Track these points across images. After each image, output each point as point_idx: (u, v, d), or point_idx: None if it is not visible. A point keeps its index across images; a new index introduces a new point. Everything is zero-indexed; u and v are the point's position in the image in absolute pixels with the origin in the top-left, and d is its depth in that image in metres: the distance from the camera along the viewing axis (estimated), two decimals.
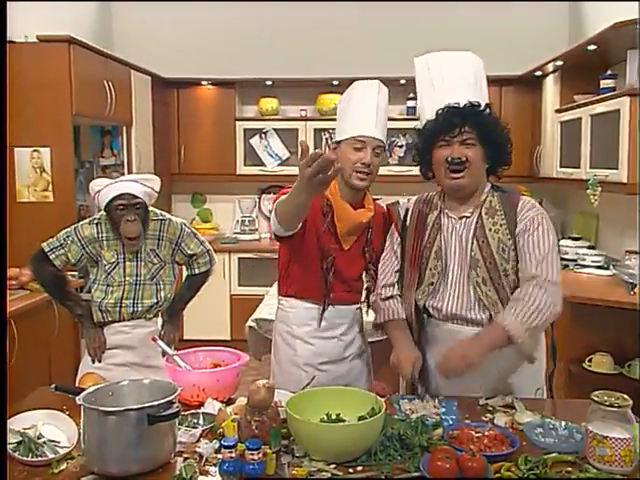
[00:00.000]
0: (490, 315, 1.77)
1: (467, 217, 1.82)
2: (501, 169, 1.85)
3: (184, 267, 2.47)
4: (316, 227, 1.94)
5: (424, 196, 1.96)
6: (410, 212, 1.94)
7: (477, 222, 1.80)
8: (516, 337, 1.63)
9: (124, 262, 2.28)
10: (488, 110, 1.80)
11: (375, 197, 2.08)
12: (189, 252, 2.38)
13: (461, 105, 1.76)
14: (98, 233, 2.28)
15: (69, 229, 2.30)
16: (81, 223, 2.32)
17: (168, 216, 2.37)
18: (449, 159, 1.75)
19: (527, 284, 1.70)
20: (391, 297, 1.93)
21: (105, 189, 2.23)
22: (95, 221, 2.30)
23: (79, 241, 2.26)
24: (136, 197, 2.21)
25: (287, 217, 1.74)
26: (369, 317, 2.07)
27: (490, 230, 1.78)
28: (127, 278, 2.27)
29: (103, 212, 2.28)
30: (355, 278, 2.03)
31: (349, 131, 1.90)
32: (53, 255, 2.27)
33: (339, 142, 1.94)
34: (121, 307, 2.27)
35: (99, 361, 2.28)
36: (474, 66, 1.88)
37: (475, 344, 1.65)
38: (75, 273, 3.33)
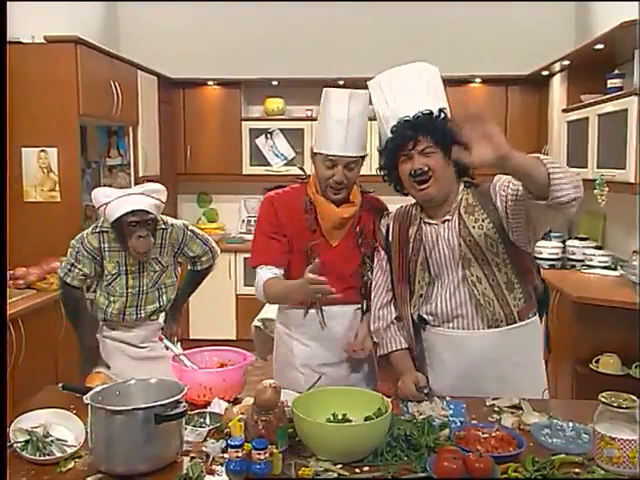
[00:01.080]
0: (485, 315, 1.77)
1: (448, 220, 1.82)
2: (471, 169, 1.81)
3: (189, 264, 2.46)
4: (299, 229, 1.93)
5: (402, 210, 1.95)
6: (391, 228, 1.94)
7: (459, 223, 1.80)
8: (548, 162, 1.50)
9: (126, 274, 2.24)
10: (442, 115, 1.79)
11: (368, 190, 2.04)
12: (191, 254, 2.37)
13: (411, 117, 1.77)
14: (100, 243, 2.23)
15: (76, 244, 2.24)
16: (85, 235, 2.25)
17: (170, 222, 2.32)
18: (412, 172, 1.77)
19: None
20: (392, 323, 1.92)
21: (114, 202, 2.15)
22: (97, 229, 2.25)
23: (89, 253, 2.22)
24: (148, 213, 2.16)
25: (278, 302, 2.03)
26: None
27: (474, 228, 1.78)
28: (129, 290, 2.25)
29: (107, 222, 2.22)
30: (351, 274, 1.99)
31: (322, 147, 1.90)
32: (69, 278, 2.24)
33: (315, 153, 1.93)
34: (124, 315, 2.26)
35: None
36: (427, 75, 1.87)
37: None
38: None
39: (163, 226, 2.29)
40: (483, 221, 1.77)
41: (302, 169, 2.14)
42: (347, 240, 1.98)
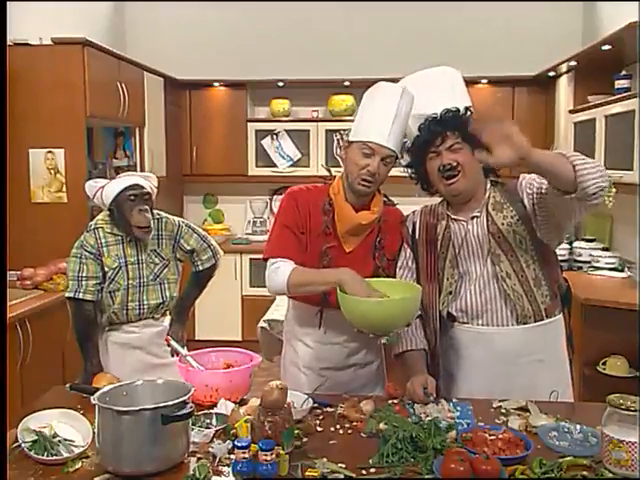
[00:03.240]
0: (514, 310, 1.78)
1: (477, 217, 1.84)
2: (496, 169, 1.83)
3: (191, 264, 2.46)
4: (316, 229, 1.92)
5: (429, 207, 1.96)
6: (418, 225, 1.94)
7: (487, 219, 1.82)
8: (571, 155, 1.52)
9: (126, 266, 2.24)
10: (469, 113, 1.83)
11: (392, 202, 2.01)
12: (188, 248, 2.36)
13: (438, 114, 1.80)
14: (97, 240, 2.23)
15: (77, 252, 2.21)
16: (83, 238, 2.24)
17: (164, 215, 2.36)
18: (440, 167, 1.79)
19: None
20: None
21: (110, 184, 2.22)
22: (92, 227, 2.25)
23: (91, 253, 2.21)
24: (144, 188, 2.23)
25: (302, 293, 1.91)
26: None
27: (503, 224, 1.80)
28: (130, 281, 2.24)
29: (99, 218, 2.25)
30: None
31: (361, 134, 1.85)
32: (80, 293, 2.19)
33: (351, 142, 1.89)
34: (127, 310, 2.25)
35: None
36: (450, 77, 1.91)
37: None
38: None
39: (157, 217, 2.32)
40: (512, 218, 1.80)
41: (328, 170, 2.09)
42: (363, 248, 1.94)
